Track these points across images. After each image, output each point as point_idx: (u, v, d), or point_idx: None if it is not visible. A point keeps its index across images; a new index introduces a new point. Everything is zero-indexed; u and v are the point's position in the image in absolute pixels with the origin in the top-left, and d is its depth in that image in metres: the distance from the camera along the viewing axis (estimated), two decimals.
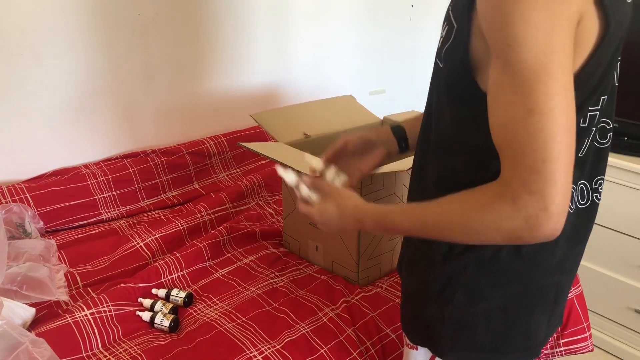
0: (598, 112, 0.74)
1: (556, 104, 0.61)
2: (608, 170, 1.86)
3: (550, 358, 1.39)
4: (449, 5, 0.77)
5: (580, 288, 1.42)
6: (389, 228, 0.81)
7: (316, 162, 1.03)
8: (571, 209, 0.79)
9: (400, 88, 2.57)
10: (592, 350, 1.41)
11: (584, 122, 0.73)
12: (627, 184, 1.87)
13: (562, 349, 1.37)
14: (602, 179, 0.83)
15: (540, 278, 0.82)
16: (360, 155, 1.03)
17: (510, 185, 0.64)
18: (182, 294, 1.27)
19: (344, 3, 2.21)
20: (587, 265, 1.97)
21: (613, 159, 1.86)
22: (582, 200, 0.82)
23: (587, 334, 1.40)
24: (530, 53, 0.61)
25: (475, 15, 0.68)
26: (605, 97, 0.74)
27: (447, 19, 0.76)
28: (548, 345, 1.36)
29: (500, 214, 0.65)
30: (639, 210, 1.86)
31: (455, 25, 0.72)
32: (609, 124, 0.81)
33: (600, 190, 0.84)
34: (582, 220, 0.83)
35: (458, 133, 0.76)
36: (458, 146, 0.77)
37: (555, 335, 1.36)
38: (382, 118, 1.68)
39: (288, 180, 0.96)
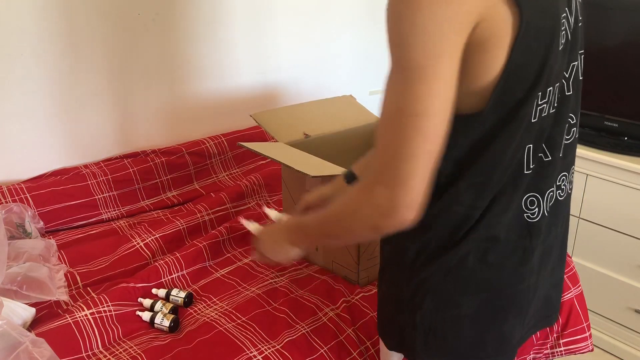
0: (546, 105, 0.74)
1: (423, 109, 0.63)
2: (608, 170, 1.87)
3: (550, 358, 1.39)
4: None
5: (580, 288, 1.42)
6: (306, 232, 0.88)
7: (274, 214, 1.15)
8: (546, 213, 0.80)
9: None
10: (592, 350, 1.41)
11: (534, 118, 0.73)
12: (627, 184, 1.87)
13: (562, 349, 1.37)
14: (566, 176, 0.84)
15: (509, 284, 0.82)
16: None
17: (368, 177, 0.70)
18: (182, 294, 1.27)
19: (344, 3, 2.21)
20: (587, 265, 1.97)
21: (613, 159, 1.86)
22: (551, 202, 0.82)
23: (587, 334, 1.40)
24: (410, 55, 0.63)
25: None
26: (551, 88, 0.74)
27: None
28: (548, 345, 1.36)
29: (357, 201, 0.72)
30: (639, 210, 1.86)
31: None
32: (572, 119, 0.81)
33: (563, 187, 0.84)
34: (558, 216, 0.84)
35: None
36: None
37: (555, 335, 1.36)
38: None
39: (251, 229, 1.08)
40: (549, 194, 0.81)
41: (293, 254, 0.94)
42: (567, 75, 0.78)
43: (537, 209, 0.79)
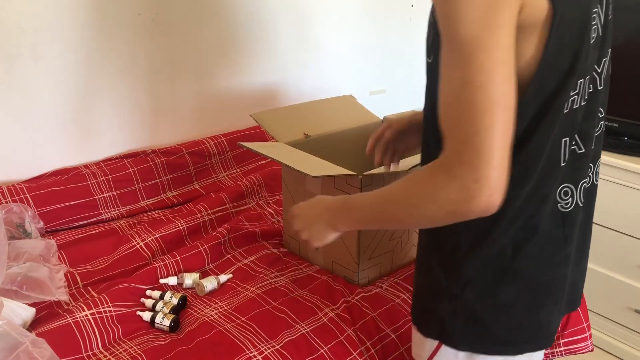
0: (577, 97, 0.76)
1: (489, 79, 0.62)
2: (608, 170, 1.87)
3: (550, 358, 1.39)
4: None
5: None
6: (352, 211, 0.84)
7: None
8: (579, 203, 0.83)
9: (400, 88, 2.57)
10: (592, 350, 1.42)
11: (566, 109, 0.75)
12: (627, 184, 1.87)
13: (562, 348, 1.37)
14: (593, 166, 0.87)
15: (546, 273, 0.84)
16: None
17: (445, 158, 0.66)
18: (175, 300, 1.26)
19: (344, 3, 2.21)
20: (587, 265, 1.97)
21: (613, 159, 1.86)
22: (582, 193, 0.85)
23: (587, 334, 1.40)
24: (466, 27, 0.62)
25: None
26: (582, 80, 0.76)
27: (429, 20, 0.81)
28: None
29: (435, 184, 0.67)
30: (639, 210, 1.86)
31: (432, 19, 0.76)
32: (601, 113, 0.83)
33: (592, 178, 0.87)
34: (585, 206, 0.86)
35: None
36: None
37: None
38: (382, 118, 1.68)
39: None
40: (582, 184, 0.83)
41: (329, 238, 0.90)
42: (598, 70, 0.80)
43: (570, 199, 0.82)
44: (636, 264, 1.91)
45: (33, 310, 1.16)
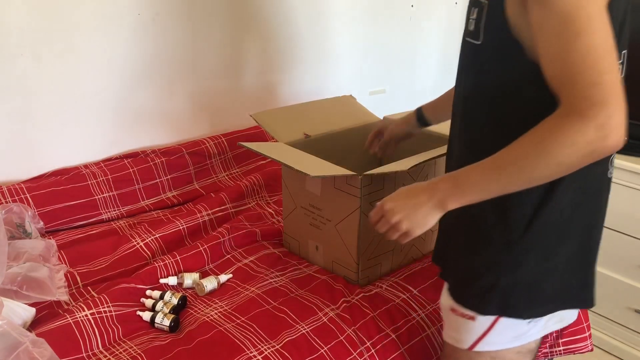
0: (621, 67, 0.82)
1: (599, 26, 0.68)
2: None
3: (550, 357, 1.39)
4: None
5: None
6: (464, 183, 0.83)
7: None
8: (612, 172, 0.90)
9: (400, 88, 2.57)
10: (592, 350, 1.41)
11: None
12: (627, 184, 1.87)
13: (562, 348, 1.37)
14: None
15: (596, 229, 0.92)
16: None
17: (574, 104, 0.70)
18: (175, 300, 1.26)
19: (344, 3, 2.21)
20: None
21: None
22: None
23: (587, 333, 1.40)
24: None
25: None
26: (625, 52, 0.82)
27: (474, 4, 0.84)
28: (547, 345, 1.36)
29: (572, 129, 0.69)
30: (639, 210, 1.86)
31: (487, 2, 0.81)
32: None
33: None
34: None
35: (509, 96, 0.83)
36: (509, 110, 0.84)
37: (554, 334, 1.36)
38: (382, 118, 1.68)
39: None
40: (614, 155, 0.89)
41: (433, 222, 0.89)
42: (620, 60, 0.83)
43: (612, 167, 0.90)
44: (636, 264, 1.91)
45: (33, 310, 1.16)
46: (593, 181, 0.87)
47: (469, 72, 0.90)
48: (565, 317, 0.99)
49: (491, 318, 0.93)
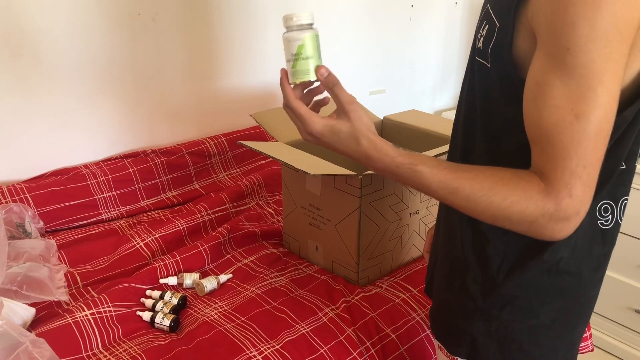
0: None
1: (602, 113, 0.62)
2: None
3: None
4: (487, 4, 0.77)
5: None
6: (409, 179, 0.75)
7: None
8: (619, 220, 0.82)
9: (400, 88, 2.57)
10: (592, 350, 1.41)
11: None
12: None
13: None
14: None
15: (585, 291, 0.83)
16: None
17: (554, 186, 0.65)
18: (175, 300, 1.26)
19: (344, 3, 2.21)
20: None
21: None
22: (623, 210, 0.83)
23: (587, 334, 1.40)
24: (588, 58, 0.61)
25: (523, 15, 0.67)
26: None
27: (486, 17, 0.75)
28: None
29: (542, 211, 0.66)
30: (639, 210, 1.86)
31: (497, 24, 0.72)
32: None
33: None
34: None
35: (512, 130, 0.75)
36: (510, 143, 0.77)
37: None
38: (382, 118, 1.68)
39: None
40: (622, 201, 0.81)
41: (348, 156, 0.80)
42: None
43: (610, 216, 0.80)
44: (636, 264, 1.91)
45: (33, 310, 1.16)
46: (579, 237, 0.78)
47: (471, 94, 0.83)
48: None
49: None
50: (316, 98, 0.88)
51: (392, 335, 1.21)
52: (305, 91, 0.86)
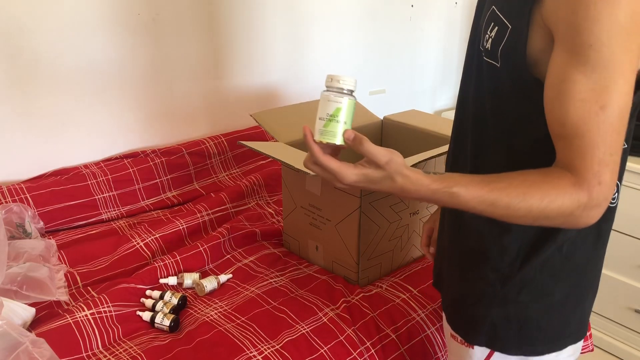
0: None
1: (624, 102, 0.66)
2: None
3: None
4: (492, 6, 0.78)
5: None
6: (447, 202, 0.76)
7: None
8: (618, 199, 0.86)
9: (400, 88, 2.57)
10: (592, 350, 1.41)
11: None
12: (627, 184, 1.87)
13: None
14: None
15: (594, 266, 0.89)
16: None
17: (585, 177, 0.69)
18: (175, 300, 1.26)
19: (344, 3, 2.21)
20: None
21: None
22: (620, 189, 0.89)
23: (587, 334, 1.40)
24: (610, 52, 0.64)
25: (537, 15, 0.70)
26: None
27: (494, 20, 0.77)
28: None
29: (578, 203, 0.70)
30: (639, 210, 1.86)
31: (509, 25, 0.74)
32: None
33: None
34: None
35: (525, 126, 0.79)
36: (523, 139, 0.80)
37: None
38: (382, 118, 1.68)
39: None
40: (622, 180, 0.86)
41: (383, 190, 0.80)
42: None
43: (617, 194, 0.86)
44: (636, 264, 1.91)
45: (33, 310, 1.16)
46: None
47: (479, 93, 0.84)
48: (577, 351, 0.95)
49: (484, 350, 0.91)
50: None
51: (392, 336, 1.21)
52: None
